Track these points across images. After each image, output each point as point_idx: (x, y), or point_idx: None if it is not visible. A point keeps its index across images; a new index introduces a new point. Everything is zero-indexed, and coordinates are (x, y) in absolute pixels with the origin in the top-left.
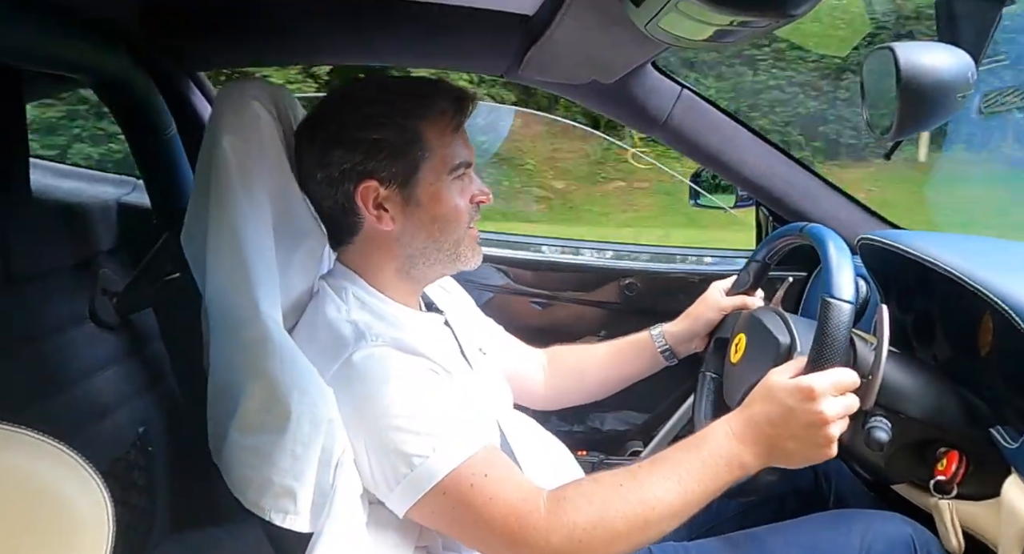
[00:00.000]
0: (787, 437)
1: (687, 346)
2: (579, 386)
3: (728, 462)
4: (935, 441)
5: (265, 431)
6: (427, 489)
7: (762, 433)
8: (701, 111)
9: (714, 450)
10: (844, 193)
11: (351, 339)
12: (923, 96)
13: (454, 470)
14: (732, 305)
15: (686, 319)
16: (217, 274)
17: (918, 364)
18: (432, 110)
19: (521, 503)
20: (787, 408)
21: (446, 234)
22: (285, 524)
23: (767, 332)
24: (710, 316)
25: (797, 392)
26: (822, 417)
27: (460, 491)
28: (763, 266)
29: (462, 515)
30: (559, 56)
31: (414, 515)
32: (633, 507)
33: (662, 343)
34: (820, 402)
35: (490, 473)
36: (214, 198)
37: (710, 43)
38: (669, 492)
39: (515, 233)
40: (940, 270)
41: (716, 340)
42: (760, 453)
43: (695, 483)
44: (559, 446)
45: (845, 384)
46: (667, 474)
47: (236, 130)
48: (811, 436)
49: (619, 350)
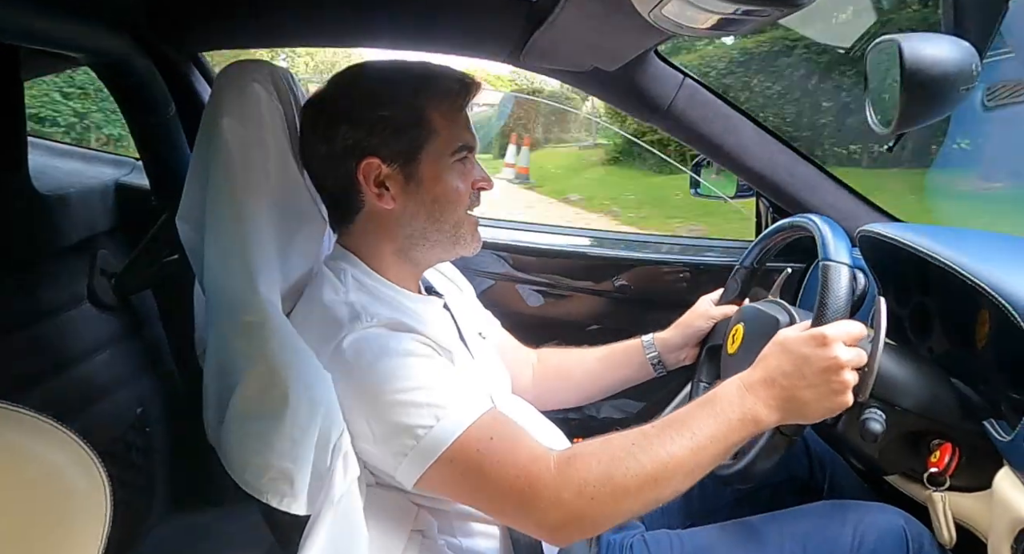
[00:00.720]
0: (803, 386)
1: (677, 356)
2: (567, 389)
3: (742, 417)
4: (929, 433)
5: (263, 415)
6: (435, 458)
7: (777, 385)
8: (703, 100)
9: (727, 406)
10: (845, 185)
11: (347, 320)
12: (927, 88)
13: (460, 437)
14: (722, 314)
15: (677, 327)
16: (215, 256)
17: (914, 357)
18: (438, 91)
19: (530, 463)
20: (801, 356)
21: (445, 215)
22: (282, 507)
23: (766, 315)
24: (700, 325)
25: (811, 340)
26: (837, 362)
27: (468, 457)
28: (751, 272)
29: (472, 480)
30: (562, 43)
31: (424, 486)
32: (643, 465)
33: (652, 352)
34: (833, 347)
35: (496, 436)
36: (212, 180)
37: (714, 32)
38: (682, 449)
39: (515, 220)
40: (938, 264)
41: (708, 349)
42: (775, 406)
43: (708, 439)
44: (556, 431)
45: (854, 333)
46: (679, 431)
47: (236, 111)
48: (827, 382)
49: (609, 357)
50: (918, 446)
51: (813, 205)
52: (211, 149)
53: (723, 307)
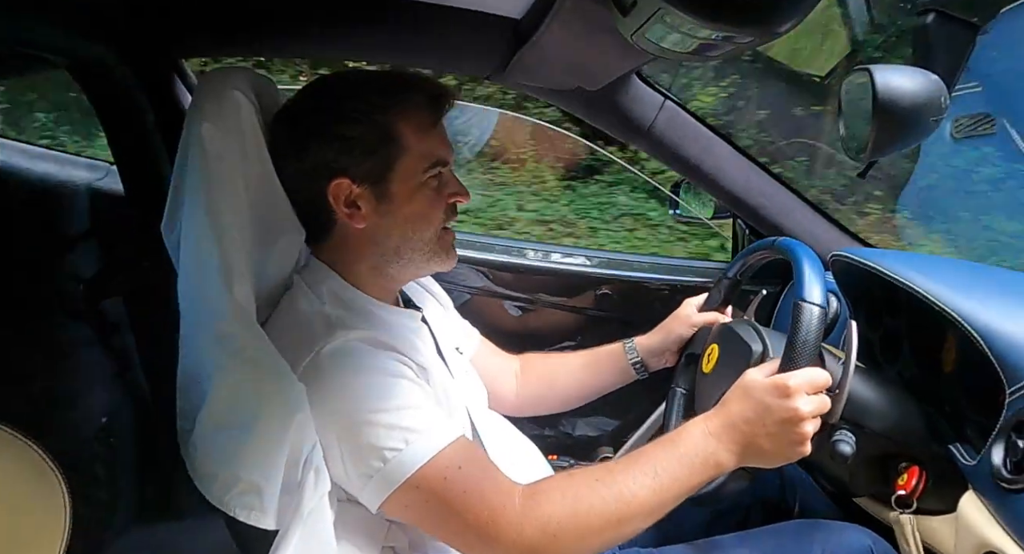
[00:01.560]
0: (762, 435)
1: (658, 360)
2: (550, 394)
3: (704, 460)
4: (897, 456)
5: (233, 426)
6: (400, 482)
7: (738, 431)
8: (682, 122)
9: (690, 448)
10: (819, 209)
11: (322, 332)
12: (898, 118)
13: (427, 463)
14: (704, 321)
15: (659, 333)
16: (190, 264)
17: (883, 380)
18: (408, 107)
19: (495, 496)
20: (763, 405)
21: (419, 233)
22: (250, 521)
23: (740, 341)
24: (682, 332)
25: (773, 389)
26: (797, 414)
27: (433, 484)
28: (734, 283)
29: (436, 508)
30: (545, 61)
31: (387, 509)
32: (607, 503)
33: (634, 356)
34: (795, 399)
35: (464, 466)
36: (190, 188)
37: (694, 56)
38: (644, 488)
39: (495, 236)
40: (908, 289)
41: (687, 355)
42: (735, 451)
43: (670, 480)
44: (532, 448)
45: (818, 383)
46: (643, 470)
47: (216, 119)
48: (785, 433)
49: (592, 361)
50: (886, 468)
51: (788, 228)
52: (190, 156)
53: (705, 315)
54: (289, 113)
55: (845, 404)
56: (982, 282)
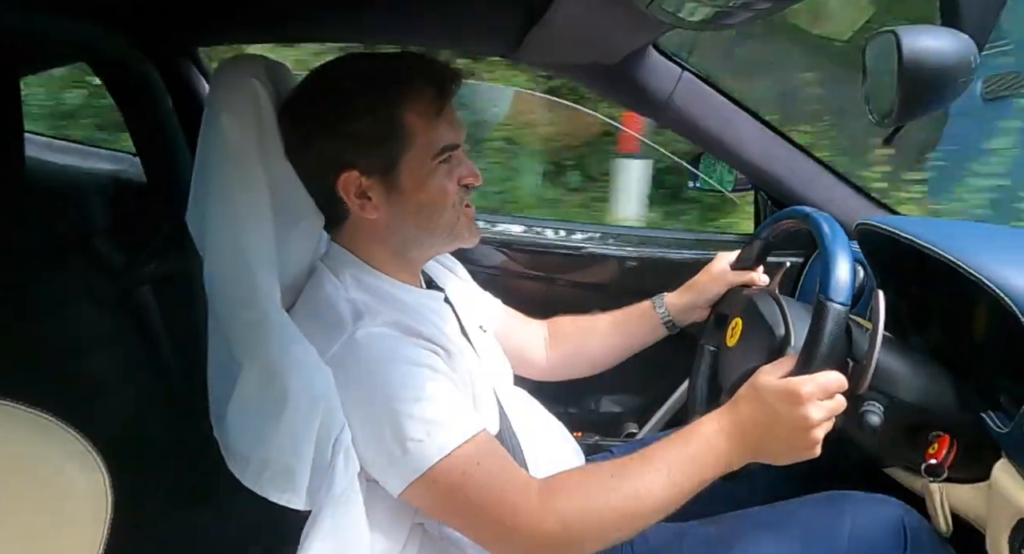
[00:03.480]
0: (771, 438)
1: (688, 316)
2: (580, 357)
3: (716, 459)
4: (927, 425)
5: (263, 410)
6: (420, 473)
7: (747, 433)
8: (702, 94)
9: (702, 446)
10: (843, 178)
11: (350, 319)
12: (925, 81)
13: (448, 456)
14: (736, 280)
15: (689, 291)
16: (214, 253)
17: (912, 350)
18: (412, 95)
19: (512, 492)
20: (773, 410)
21: (434, 220)
22: (283, 502)
23: (763, 321)
24: (714, 290)
25: (783, 395)
26: (807, 422)
27: (452, 478)
28: (767, 244)
29: (454, 501)
30: (560, 37)
31: (407, 497)
32: (622, 499)
33: (664, 313)
34: (806, 406)
35: (483, 461)
36: (214, 177)
37: (711, 25)
38: (657, 486)
39: (515, 215)
40: (937, 257)
41: (717, 315)
42: (745, 452)
43: (683, 477)
44: (557, 425)
45: (832, 387)
46: (656, 468)
47: (234, 108)
48: (796, 439)
49: (621, 320)
50: (916, 438)
51: (812, 199)
52: (210, 146)
53: (737, 275)
54: (292, 107)
55: (873, 374)
56: (1014, 247)
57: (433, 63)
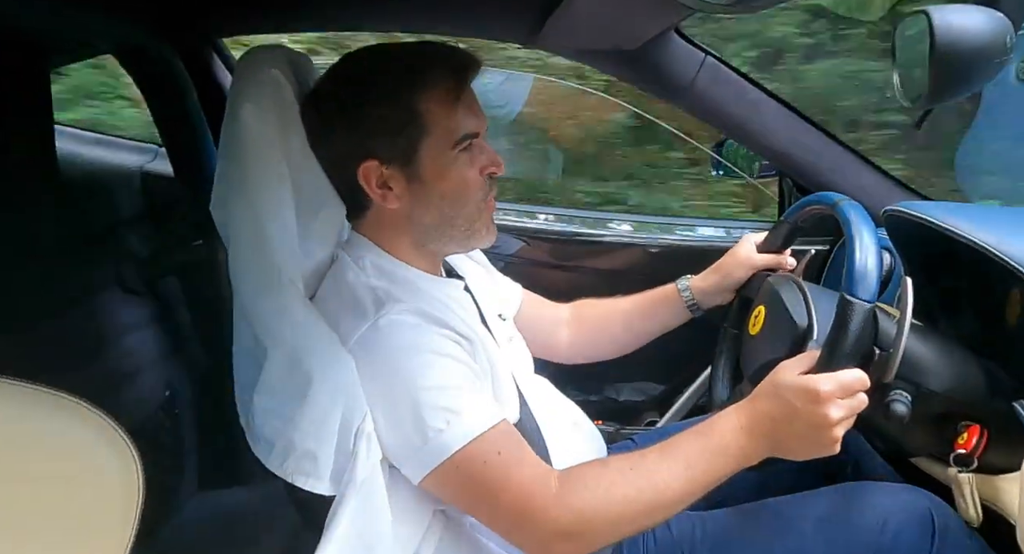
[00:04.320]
0: (790, 435)
1: (713, 299)
2: (603, 340)
3: (735, 454)
4: (956, 414)
5: (287, 396)
6: (439, 462)
7: (766, 429)
8: (725, 78)
9: (721, 441)
10: (871, 163)
11: (372, 306)
12: (958, 61)
13: (467, 445)
14: (763, 264)
15: (714, 274)
16: (240, 242)
17: (941, 337)
18: (431, 83)
19: (531, 482)
20: (792, 408)
21: (456, 210)
22: (307, 487)
23: (786, 311)
24: (739, 275)
25: (803, 393)
26: (827, 420)
27: (472, 467)
28: (794, 227)
29: (473, 490)
30: (581, 22)
31: (426, 485)
32: (640, 492)
33: (688, 296)
34: (825, 405)
35: (503, 451)
36: (237, 167)
37: (735, 7)
38: (676, 479)
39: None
40: (968, 243)
41: (741, 299)
42: (763, 447)
43: (701, 472)
44: (578, 412)
45: (854, 386)
46: (675, 461)
47: (256, 98)
48: (815, 437)
49: (645, 304)
50: (945, 428)
51: (839, 184)
52: (234, 136)
53: (764, 258)
54: (314, 98)
55: (901, 363)
56: None
57: (451, 50)
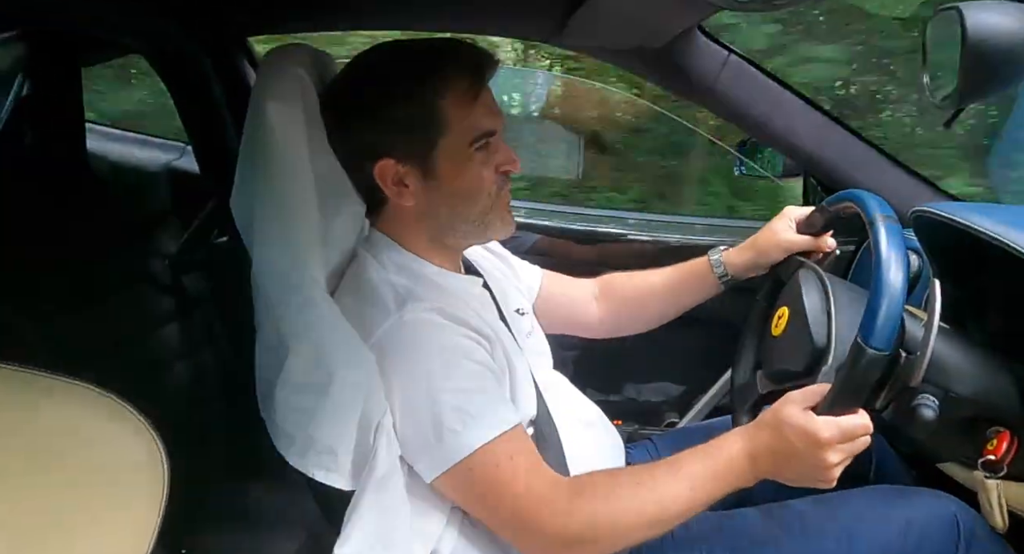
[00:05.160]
0: (787, 469)
1: (746, 273)
2: (634, 314)
3: (735, 477)
4: (985, 419)
5: (308, 392)
6: (453, 463)
7: (766, 460)
8: (749, 76)
9: (726, 464)
10: (898, 162)
11: (394, 304)
12: (990, 59)
13: (481, 448)
14: (801, 246)
15: (750, 250)
16: (264, 239)
17: (970, 341)
18: (448, 82)
19: (542, 489)
20: (792, 447)
21: (470, 207)
22: (327, 481)
23: (806, 325)
24: (774, 256)
25: (804, 436)
26: (824, 463)
27: (484, 470)
28: (836, 215)
29: (484, 494)
30: (604, 20)
31: (438, 485)
32: (646, 506)
33: (721, 270)
34: (825, 450)
35: (516, 457)
36: (261, 165)
37: (762, 5)
38: (681, 497)
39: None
40: (998, 244)
41: (776, 277)
42: (762, 474)
43: (703, 492)
44: (596, 409)
45: (855, 432)
46: (681, 480)
47: (279, 96)
48: (812, 474)
49: (676, 278)
50: (973, 433)
51: (865, 183)
52: (257, 134)
53: (802, 240)
54: (331, 96)
55: (928, 367)
56: None
57: (469, 48)
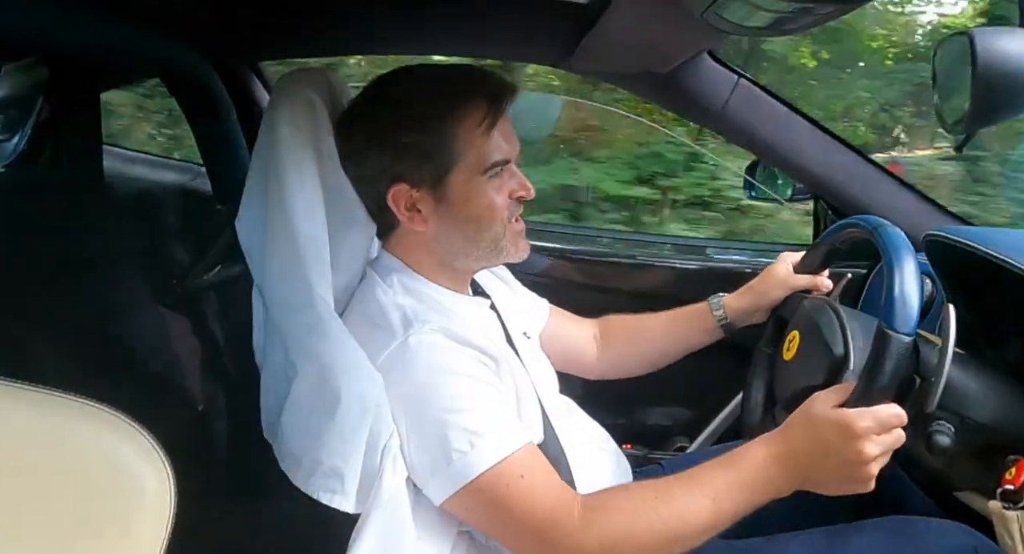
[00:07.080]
0: (823, 469)
1: (746, 319)
2: (633, 356)
3: (764, 485)
4: (1003, 447)
5: (315, 413)
6: (463, 484)
7: (798, 462)
8: (759, 101)
9: (751, 472)
10: (908, 185)
11: (400, 325)
12: (1000, 85)
13: (491, 468)
14: (799, 285)
15: (750, 293)
16: (273, 259)
17: (986, 366)
18: (464, 109)
19: (555, 507)
20: (825, 441)
21: (481, 233)
22: (332, 504)
23: (821, 337)
24: (775, 295)
25: (838, 427)
26: (862, 457)
27: (495, 490)
28: (832, 249)
29: (495, 514)
30: (613, 45)
31: (448, 506)
32: (665, 521)
33: (721, 315)
34: (860, 441)
35: (527, 475)
36: (271, 186)
37: (770, 31)
38: (703, 509)
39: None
40: (1012, 269)
41: (776, 319)
42: (794, 480)
43: (728, 503)
44: (603, 433)
45: (891, 422)
46: (703, 492)
47: (291, 119)
48: (849, 473)
49: (676, 321)
50: (991, 461)
51: (875, 207)
52: (268, 155)
53: (800, 279)
54: (347, 120)
55: (944, 393)
56: None
57: (487, 76)
